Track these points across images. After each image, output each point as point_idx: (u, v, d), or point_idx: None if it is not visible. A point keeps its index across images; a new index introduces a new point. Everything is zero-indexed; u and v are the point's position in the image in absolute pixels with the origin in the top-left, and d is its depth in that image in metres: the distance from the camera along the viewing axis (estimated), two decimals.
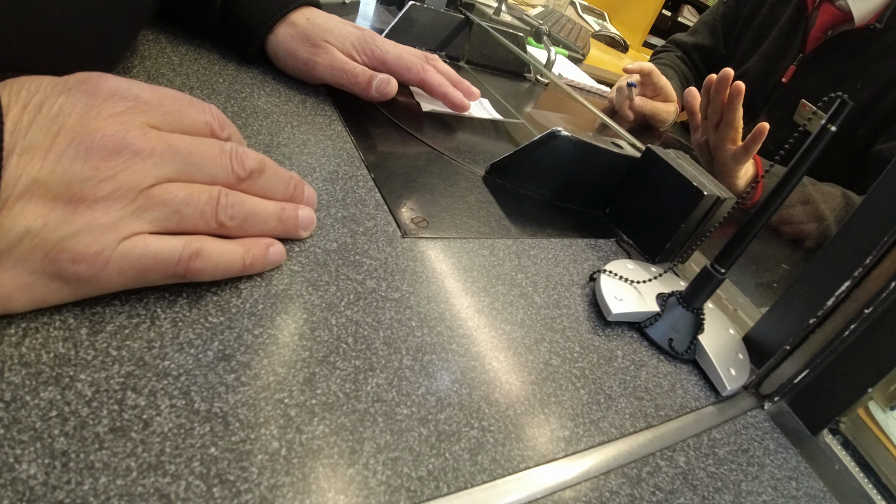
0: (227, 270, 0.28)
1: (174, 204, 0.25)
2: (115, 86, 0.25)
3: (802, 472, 0.37)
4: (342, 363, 0.28)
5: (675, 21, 3.57)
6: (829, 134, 0.34)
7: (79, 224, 0.23)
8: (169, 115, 0.27)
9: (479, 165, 0.54)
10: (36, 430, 0.20)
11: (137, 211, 0.24)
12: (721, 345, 0.41)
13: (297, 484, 0.22)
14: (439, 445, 0.26)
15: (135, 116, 0.25)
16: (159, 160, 0.25)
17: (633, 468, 0.30)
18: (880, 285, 0.37)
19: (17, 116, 0.23)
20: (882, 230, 0.36)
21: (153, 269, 0.25)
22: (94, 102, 0.24)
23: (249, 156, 0.30)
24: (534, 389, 0.32)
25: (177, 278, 0.26)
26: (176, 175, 0.26)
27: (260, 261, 0.30)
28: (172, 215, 0.25)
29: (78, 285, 0.23)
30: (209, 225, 0.27)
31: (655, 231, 0.51)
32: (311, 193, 0.35)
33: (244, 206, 0.29)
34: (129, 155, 0.24)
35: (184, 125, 0.28)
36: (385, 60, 0.55)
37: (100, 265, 0.23)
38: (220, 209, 0.27)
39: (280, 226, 0.31)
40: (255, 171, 0.30)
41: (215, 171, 0.28)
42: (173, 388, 0.23)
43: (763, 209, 0.36)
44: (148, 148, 0.25)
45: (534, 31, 0.94)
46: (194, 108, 0.28)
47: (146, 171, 0.24)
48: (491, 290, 0.38)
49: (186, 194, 0.26)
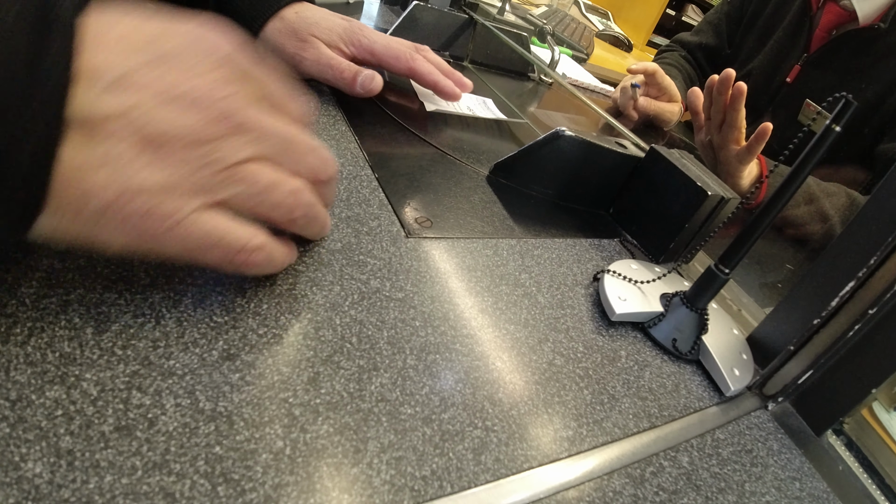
0: (272, 269, 0.28)
1: (259, 186, 0.25)
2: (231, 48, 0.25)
3: (806, 473, 0.36)
4: (346, 363, 0.28)
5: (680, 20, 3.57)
6: (833, 134, 0.34)
7: (162, 177, 0.22)
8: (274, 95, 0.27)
9: (482, 165, 0.54)
10: (41, 429, 0.20)
11: (223, 183, 0.24)
12: (725, 345, 0.41)
13: (302, 483, 0.22)
14: (443, 445, 0.26)
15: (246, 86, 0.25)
16: (259, 137, 0.25)
17: (636, 468, 0.30)
18: (885, 286, 0.37)
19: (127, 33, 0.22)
20: (887, 230, 0.36)
21: (214, 249, 0.24)
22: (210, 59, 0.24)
23: (332, 162, 0.30)
24: (537, 389, 0.32)
25: (230, 266, 0.26)
26: (269, 156, 0.26)
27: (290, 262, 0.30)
28: (253, 196, 0.25)
29: (134, 240, 0.23)
30: (282, 218, 0.27)
31: (659, 231, 0.51)
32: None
33: (316, 210, 0.29)
34: (235, 124, 0.24)
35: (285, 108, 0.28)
36: (373, 51, 0.55)
37: (166, 228, 0.23)
38: (298, 206, 0.27)
39: (322, 233, 0.33)
40: (332, 178, 0.30)
41: (303, 165, 0.28)
42: (178, 387, 0.23)
43: (767, 209, 0.36)
44: (252, 122, 0.24)
45: (538, 31, 0.94)
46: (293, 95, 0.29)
47: (244, 146, 0.24)
48: (494, 289, 0.38)
49: (273, 180, 0.26)
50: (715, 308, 0.45)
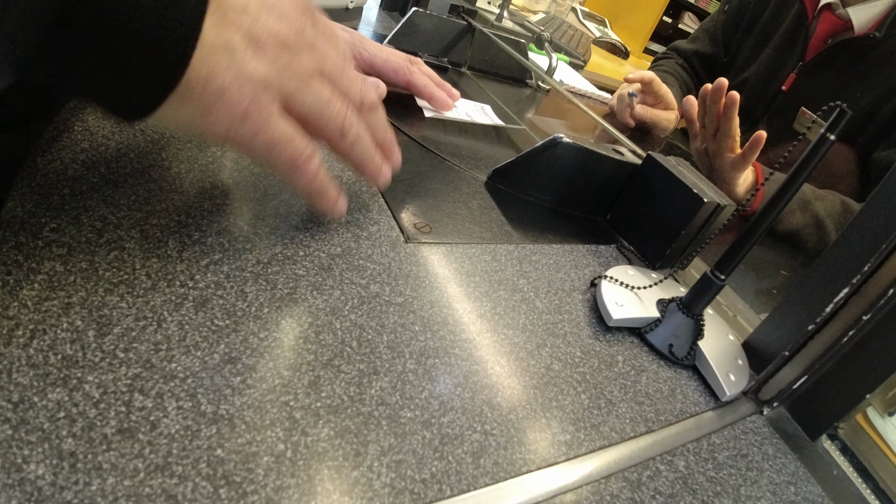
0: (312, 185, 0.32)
1: (322, 98, 0.30)
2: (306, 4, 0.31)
3: (801, 477, 0.37)
4: (346, 367, 0.28)
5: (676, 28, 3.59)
6: (828, 143, 0.34)
7: (263, 70, 0.27)
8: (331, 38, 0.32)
9: (481, 171, 0.54)
10: (44, 431, 0.20)
11: (299, 90, 0.29)
12: (721, 351, 0.42)
13: (303, 486, 0.22)
14: (442, 448, 0.26)
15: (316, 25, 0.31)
16: (323, 57, 0.30)
17: (633, 472, 0.31)
18: (879, 292, 0.37)
19: None
20: (881, 237, 0.37)
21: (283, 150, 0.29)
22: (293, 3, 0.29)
23: (372, 91, 0.35)
24: (535, 394, 0.32)
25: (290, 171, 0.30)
26: (329, 75, 0.31)
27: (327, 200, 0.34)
28: (316, 106, 0.30)
29: (237, 124, 0.27)
30: (335, 131, 0.32)
31: (656, 237, 0.51)
32: (398, 156, 0.39)
33: (360, 129, 0.34)
34: (308, 43, 0.29)
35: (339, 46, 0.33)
36: (373, 63, 0.57)
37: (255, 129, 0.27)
38: (347, 122, 0.32)
39: (371, 163, 0.36)
40: (373, 105, 0.35)
41: (351, 89, 0.33)
42: (180, 390, 0.23)
43: (763, 216, 0.37)
44: (320, 45, 0.30)
45: (535, 38, 0.95)
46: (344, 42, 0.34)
47: (315, 61, 0.30)
48: (493, 295, 0.38)
49: (330, 96, 0.31)
50: (711, 314, 0.45)
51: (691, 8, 3.62)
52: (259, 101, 0.27)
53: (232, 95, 0.26)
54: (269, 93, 0.27)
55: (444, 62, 0.80)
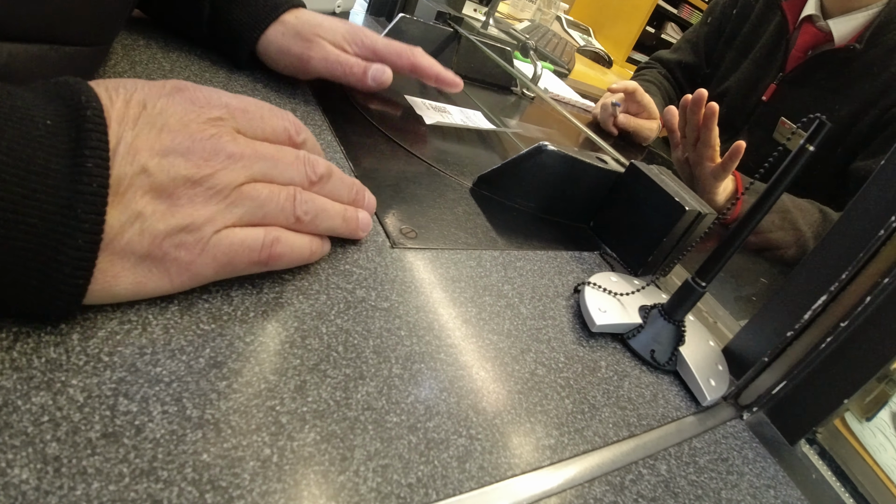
0: (300, 256, 0.31)
1: (260, 200, 0.28)
2: (206, 94, 0.28)
3: (780, 481, 0.37)
4: (333, 371, 0.28)
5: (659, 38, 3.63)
6: (807, 154, 0.35)
7: (183, 215, 0.25)
8: (252, 121, 0.30)
9: (466, 177, 0.54)
10: (28, 435, 0.20)
11: (230, 206, 0.27)
12: (701, 356, 0.42)
13: (289, 490, 0.22)
14: (428, 453, 0.26)
15: (227, 122, 0.28)
16: (248, 163, 0.28)
17: (616, 476, 0.31)
18: (856, 300, 0.38)
19: (122, 110, 0.25)
20: (858, 246, 0.37)
21: (241, 255, 0.28)
22: (192, 107, 0.27)
23: (320, 162, 0.33)
24: (520, 399, 0.32)
25: (260, 265, 0.29)
26: (261, 177, 0.29)
27: (319, 251, 0.33)
28: (257, 210, 0.28)
29: (177, 272, 0.26)
30: (288, 219, 0.30)
31: (638, 245, 0.52)
32: (371, 199, 0.38)
33: (316, 204, 0.32)
34: (224, 157, 0.27)
35: (265, 131, 0.31)
36: (376, 49, 0.56)
37: (198, 251, 0.26)
38: (298, 205, 0.30)
39: (344, 224, 0.35)
40: (324, 175, 0.33)
41: (292, 175, 0.31)
42: (165, 394, 0.23)
43: (743, 225, 0.37)
44: (239, 152, 0.28)
45: (520, 46, 0.95)
46: (274, 115, 0.32)
47: (238, 172, 0.28)
48: (478, 300, 0.38)
49: (269, 192, 0.29)
50: (692, 320, 0.46)
51: (674, 18, 3.68)
52: (187, 242, 0.26)
53: (156, 257, 0.25)
54: (196, 228, 0.26)
55: None
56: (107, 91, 0.25)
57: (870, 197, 0.38)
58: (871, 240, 0.37)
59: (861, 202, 0.39)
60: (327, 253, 0.35)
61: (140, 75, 0.43)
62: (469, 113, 0.72)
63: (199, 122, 0.27)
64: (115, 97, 0.25)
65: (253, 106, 0.30)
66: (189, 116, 0.27)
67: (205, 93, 0.28)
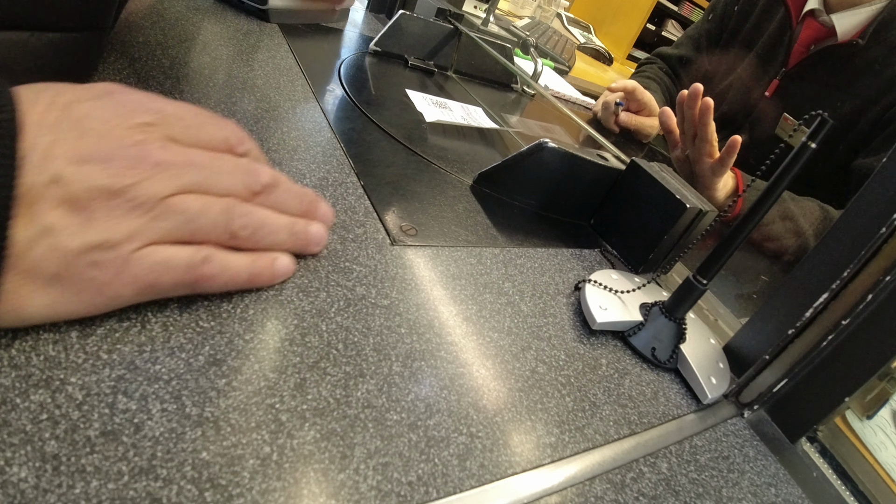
0: (235, 277, 0.28)
1: (189, 213, 0.26)
2: (138, 98, 0.26)
3: (781, 479, 0.37)
4: (333, 369, 0.28)
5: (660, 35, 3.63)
6: (809, 151, 0.35)
7: (98, 230, 0.23)
8: (189, 129, 0.27)
9: (466, 175, 0.54)
10: (27, 433, 0.20)
11: (154, 219, 0.24)
12: (702, 354, 0.42)
13: (289, 489, 0.22)
14: (429, 451, 0.26)
15: (158, 128, 0.26)
16: (178, 172, 0.25)
17: (617, 474, 0.31)
18: (857, 297, 0.38)
19: (42, 114, 0.23)
20: (860, 244, 0.37)
21: (165, 276, 0.25)
22: (120, 111, 0.25)
23: (263, 171, 0.30)
24: (520, 396, 0.32)
25: (187, 287, 0.26)
26: (192, 187, 0.26)
27: (267, 272, 0.30)
28: (187, 224, 0.26)
29: (92, 294, 0.23)
30: (221, 235, 0.27)
31: (639, 242, 0.52)
32: (326, 210, 0.35)
33: (255, 217, 0.29)
34: (150, 166, 0.24)
35: (202, 139, 0.28)
36: None
37: (115, 271, 0.23)
38: (233, 219, 0.27)
39: (292, 238, 0.32)
40: (268, 185, 0.30)
41: (230, 185, 0.28)
42: (164, 392, 0.23)
43: (744, 223, 0.37)
44: (168, 160, 0.25)
45: (521, 43, 0.95)
46: (213, 123, 0.29)
47: (165, 182, 0.25)
48: (478, 298, 0.38)
49: (201, 205, 0.26)
50: (692, 318, 0.46)
51: (675, 16, 3.67)
52: (103, 261, 0.23)
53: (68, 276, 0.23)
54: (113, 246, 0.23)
55: (431, 65, 0.80)
56: (32, 94, 0.23)
57: (871, 194, 0.38)
58: (872, 237, 0.37)
59: (863, 200, 0.38)
60: (289, 274, 0.31)
61: (139, 72, 0.43)
62: (470, 109, 0.72)
63: (124, 127, 0.24)
64: (37, 100, 0.23)
65: (190, 113, 0.28)
66: (115, 121, 0.24)
67: (136, 97, 0.26)
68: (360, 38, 0.81)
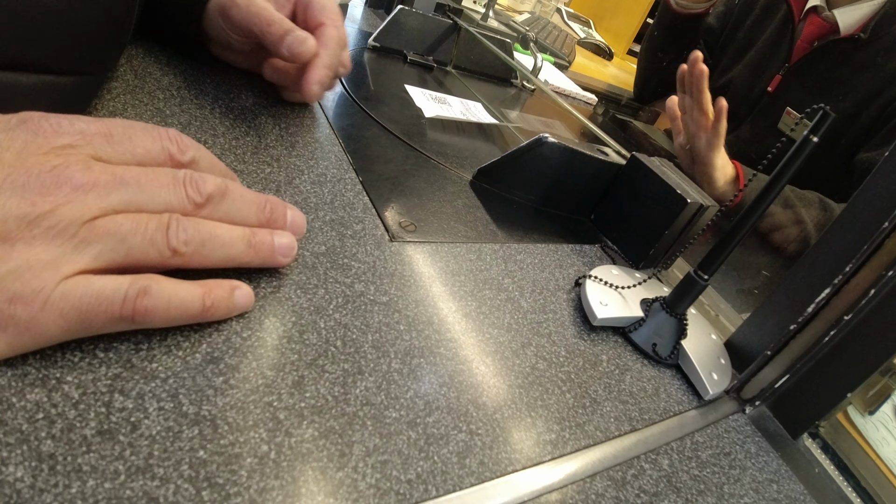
0: (183, 312, 0.25)
1: (119, 234, 0.23)
2: (56, 122, 0.24)
3: (783, 475, 0.37)
4: (331, 366, 0.28)
5: None
6: (811, 145, 0.34)
7: (16, 261, 0.21)
8: (118, 145, 0.25)
9: (466, 170, 0.54)
10: (22, 433, 0.20)
11: (79, 245, 0.22)
12: (703, 350, 0.42)
13: (287, 487, 0.22)
14: (428, 448, 0.26)
15: (79, 150, 0.24)
16: (103, 192, 0.23)
17: (618, 471, 0.31)
18: (860, 293, 0.37)
19: None
20: (862, 238, 0.37)
21: (97, 310, 0.22)
22: (33, 139, 0.23)
23: (207, 180, 0.27)
24: (520, 393, 0.32)
25: (124, 322, 0.23)
26: (123, 206, 0.24)
27: (223, 303, 0.27)
28: (119, 246, 0.23)
29: (15, 332, 0.21)
30: (162, 253, 0.24)
31: (640, 237, 0.51)
32: (296, 217, 0.32)
33: (200, 229, 0.26)
34: (70, 189, 0.22)
35: (136, 154, 0.26)
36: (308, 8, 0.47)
37: (38, 306, 0.21)
38: (172, 233, 0.25)
39: (250, 251, 0.28)
40: (213, 195, 0.27)
41: (168, 200, 0.25)
42: (161, 390, 0.23)
43: (746, 217, 0.37)
44: (90, 180, 0.23)
45: (520, 38, 0.95)
46: (147, 134, 0.26)
47: (89, 204, 0.23)
48: (478, 294, 0.38)
49: (133, 223, 0.24)
50: (694, 313, 0.46)
51: None
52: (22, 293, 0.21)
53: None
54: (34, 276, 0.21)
55: (430, 61, 0.80)
56: None
57: (874, 189, 0.38)
58: (875, 232, 0.37)
59: (865, 194, 0.38)
60: (248, 307, 0.28)
61: (136, 69, 0.43)
62: (469, 104, 0.72)
63: (39, 153, 0.23)
64: None
65: (119, 128, 0.26)
66: (29, 149, 0.22)
67: (54, 121, 0.24)
68: (358, 34, 0.80)
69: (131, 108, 0.38)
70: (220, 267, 0.28)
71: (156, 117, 0.38)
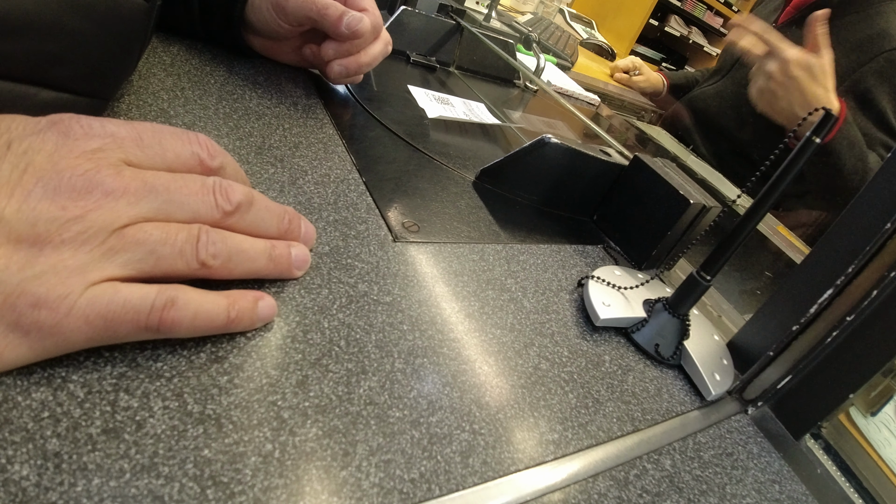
0: (208, 324, 0.25)
1: (149, 244, 0.23)
2: (87, 124, 0.24)
3: (785, 476, 0.37)
4: (335, 366, 0.28)
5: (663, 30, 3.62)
6: (813, 146, 0.34)
7: (43, 266, 0.21)
8: (148, 149, 0.25)
9: (469, 171, 0.54)
10: (28, 431, 0.20)
11: (108, 253, 0.22)
12: (706, 350, 0.42)
13: (291, 486, 0.22)
14: (431, 448, 0.26)
15: (110, 154, 0.24)
16: (133, 199, 0.23)
17: (620, 471, 0.31)
18: (862, 293, 0.37)
19: None
20: (864, 240, 0.37)
21: (122, 319, 0.22)
22: (65, 141, 0.23)
23: (236, 189, 0.27)
24: (523, 393, 0.32)
25: (150, 332, 0.23)
26: (153, 214, 0.24)
27: (247, 315, 0.27)
28: (148, 256, 0.23)
29: (38, 337, 0.21)
30: (190, 265, 0.25)
31: (642, 238, 0.51)
32: (308, 229, 0.33)
33: (228, 243, 0.26)
34: (101, 194, 0.22)
35: (167, 159, 0.26)
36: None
37: (63, 312, 0.21)
38: (201, 247, 0.25)
39: (270, 264, 0.29)
40: (242, 204, 0.27)
41: (197, 208, 0.26)
42: (166, 389, 0.23)
43: (747, 219, 0.37)
44: (121, 186, 0.23)
45: (523, 39, 0.95)
46: (178, 138, 0.27)
47: (119, 211, 0.23)
48: (481, 294, 0.38)
49: (163, 233, 0.24)
50: (696, 314, 0.46)
51: (677, 11, 3.66)
52: (48, 298, 0.21)
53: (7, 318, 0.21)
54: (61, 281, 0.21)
55: (433, 61, 0.80)
56: None
57: (876, 189, 0.38)
58: (877, 233, 0.37)
59: (868, 195, 0.38)
60: (272, 318, 0.28)
61: (140, 69, 0.43)
62: (472, 105, 0.72)
63: (71, 156, 0.23)
64: None
65: (149, 132, 0.26)
66: (60, 152, 0.22)
67: (84, 123, 0.24)
68: None
69: (136, 109, 0.38)
70: (242, 279, 0.28)
71: (160, 118, 0.39)
